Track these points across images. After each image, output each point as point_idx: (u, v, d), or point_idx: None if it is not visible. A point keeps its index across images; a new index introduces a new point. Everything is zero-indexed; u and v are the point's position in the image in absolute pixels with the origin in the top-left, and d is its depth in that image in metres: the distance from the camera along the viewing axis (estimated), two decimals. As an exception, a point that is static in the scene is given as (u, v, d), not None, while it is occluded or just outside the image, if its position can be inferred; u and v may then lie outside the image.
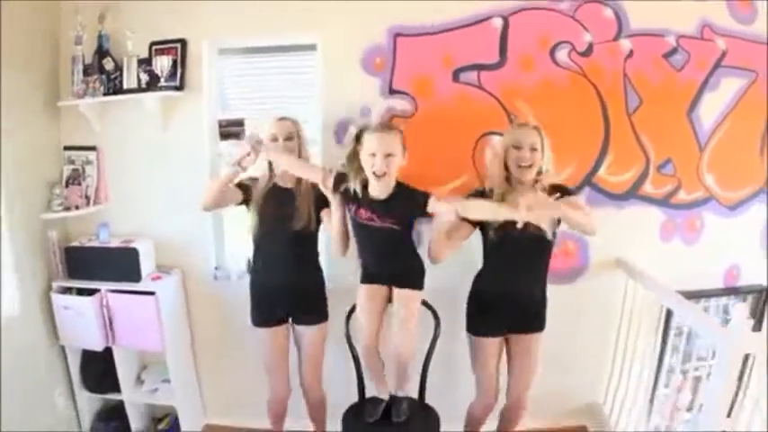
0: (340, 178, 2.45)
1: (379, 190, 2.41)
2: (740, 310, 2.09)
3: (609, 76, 2.91)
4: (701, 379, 3.22)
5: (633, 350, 3.06)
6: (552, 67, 2.88)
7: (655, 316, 3.01)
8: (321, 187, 2.47)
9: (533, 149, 2.43)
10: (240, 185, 2.61)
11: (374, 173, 2.35)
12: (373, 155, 2.34)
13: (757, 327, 3.06)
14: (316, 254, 2.74)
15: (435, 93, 2.90)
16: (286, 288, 2.65)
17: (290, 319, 2.73)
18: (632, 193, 3.02)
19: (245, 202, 2.64)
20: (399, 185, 2.44)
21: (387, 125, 2.46)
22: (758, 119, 3.11)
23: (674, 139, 3.03)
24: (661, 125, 2.97)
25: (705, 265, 3.16)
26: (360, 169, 2.42)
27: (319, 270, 2.76)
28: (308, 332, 2.71)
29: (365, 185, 2.44)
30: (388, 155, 2.34)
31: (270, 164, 2.62)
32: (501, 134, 2.65)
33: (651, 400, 3.16)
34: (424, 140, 2.82)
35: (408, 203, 2.42)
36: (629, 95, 2.93)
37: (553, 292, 2.65)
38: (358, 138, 2.42)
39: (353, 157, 2.43)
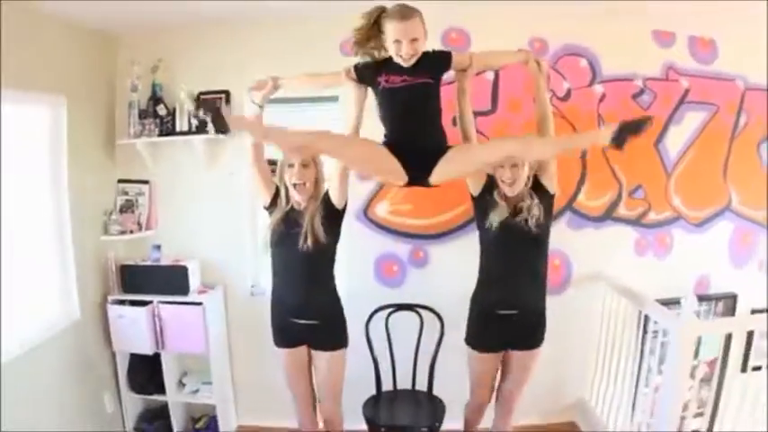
0: (363, 68, 2.52)
1: (406, 63, 2.42)
2: (691, 300, 2.70)
3: (584, 116, 3.59)
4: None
5: (616, 352, 3.60)
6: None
7: (633, 321, 3.58)
8: (345, 79, 2.54)
9: (513, 166, 2.71)
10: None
11: (402, 57, 2.39)
12: (398, 41, 2.36)
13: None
14: (330, 276, 2.86)
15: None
16: (301, 309, 2.80)
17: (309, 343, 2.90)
18: (608, 216, 3.67)
19: (272, 204, 2.82)
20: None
21: (408, 10, 2.38)
22: (720, 146, 3.79)
23: (643, 168, 3.68)
24: (631, 156, 3.59)
25: (677, 276, 3.77)
26: (380, 47, 2.46)
27: (335, 293, 2.88)
28: (324, 357, 2.86)
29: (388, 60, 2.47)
30: (414, 39, 2.36)
31: (286, 189, 2.77)
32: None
33: (634, 399, 3.74)
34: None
35: (435, 62, 2.47)
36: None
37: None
38: (376, 21, 2.42)
39: (370, 38, 2.45)
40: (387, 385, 3.39)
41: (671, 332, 2.85)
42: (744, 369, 3.79)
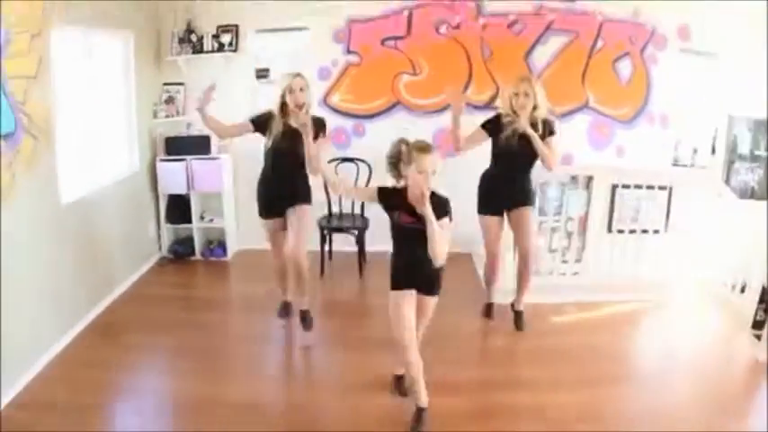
0: (387, 194, 3.30)
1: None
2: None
3: (471, 40, 5.86)
4: (557, 229, 5.88)
5: None
6: (437, 36, 5.86)
7: None
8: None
9: (526, 95, 4.21)
10: (254, 122, 4.27)
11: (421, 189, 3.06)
12: (422, 173, 3.05)
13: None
14: (304, 165, 4.19)
15: (372, 52, 5.90)
16: (284, 190, 4.29)
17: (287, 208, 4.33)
18: (489, 106, 5.88)
19: (259, 130, 4.26)
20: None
21: (429, 146, 3.15)
22: (579, 61, 5.94)
23: (514, 75, 5.87)
24: (506, 66, 5.83)
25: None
26: (399, 176, 3.23)
27: (306, 176, 4.30)
28: (297, 210, 4.31)
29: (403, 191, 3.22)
30: (433, 172, 3.08)
31: (282, 105, 4.15)
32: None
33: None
34: (365, 77, 5.87)
35: (437, 207, 3.10)
36: (484, 50, 5.88)
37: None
38: (406, 153, 3.15)
39: (396, 165, 3.21)
40: (335, 209, 5.72)
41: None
42: (609, 229, 5.96)
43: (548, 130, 4.34)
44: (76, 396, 3.74)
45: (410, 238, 3.20)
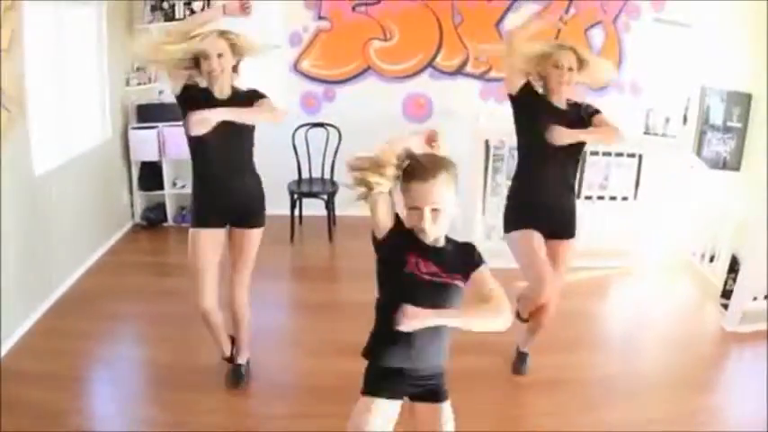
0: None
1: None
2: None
3: (442, 6, 6.26)
4: None
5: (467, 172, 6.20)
6: (408, 2, 6.26)
7: (481, 148, 6.11)
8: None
9: (570, 69, 3.38)
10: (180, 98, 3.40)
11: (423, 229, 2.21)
12: (415, 209, 2.19)
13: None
14: (251, 153, 3.55)
15: (343, 18, 6.31)
16: (227, 191, 3.47)
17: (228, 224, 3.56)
18: (459, 72, 6.33)
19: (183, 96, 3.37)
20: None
21: (434, 164, 2.21)
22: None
23: (485, 41, 6.30)
24: (477, 33, 6.29)
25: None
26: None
27: (256, 173, 3.62)
28: (246, 235, 3.56)
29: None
30: (435, 210, 2.18)
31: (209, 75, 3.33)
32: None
33: (483, 206, 6.28)
34: (336, 43, 6.30)
35: (463, 255, 2.36)
36: (455, 17, 6.30)
37: (410, 130, 5.93)
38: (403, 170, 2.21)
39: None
40: (305, 175, 6.17)
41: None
42: (578, 196, 6.41)
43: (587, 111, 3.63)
44: (53, 367, 3.95)
45: (425, 296, 2.20)
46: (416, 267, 2.25)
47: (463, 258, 2.33)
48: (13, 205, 4.26)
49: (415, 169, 2.19)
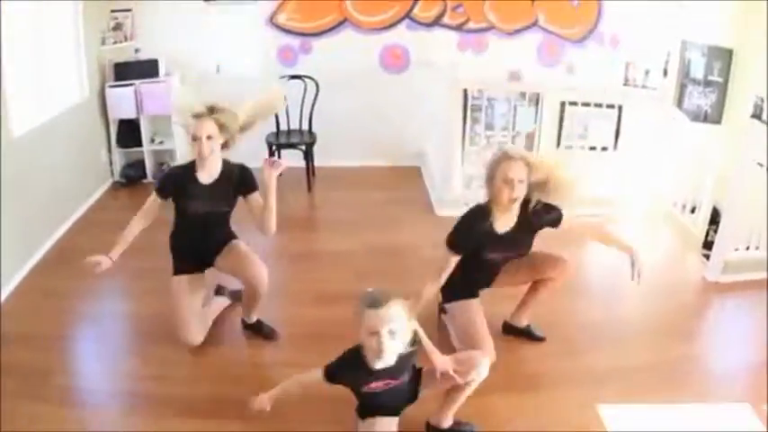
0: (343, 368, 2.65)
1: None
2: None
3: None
4: (504, 143, 6.46)
5: (446, 119, 6.15)
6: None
7: (459, 96, 6.08)
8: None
9: (520, 182, 3.20)
10: (161, 191, 3.61)
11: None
12: (375, 333, 2.41)
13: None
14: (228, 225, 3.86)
15: None
16: (203, 248, 3.77)
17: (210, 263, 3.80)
18: (436, 23, 6.44)
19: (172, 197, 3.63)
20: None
21: (387, 297, 2.45)
22: None
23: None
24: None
25: (494, 68, 6.54)
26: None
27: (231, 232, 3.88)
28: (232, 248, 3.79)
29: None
30: (391, 332, 2.42)
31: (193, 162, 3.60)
32: None
33: (462, 155, 6.39)
34: None
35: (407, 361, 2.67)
36: (430, -32, 6.42)
37: (387, 81, 6.18)
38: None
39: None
40: (283, 127, 6.30)
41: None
42: (558, 145, 6.62)
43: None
44: (39, 327, 4.06)
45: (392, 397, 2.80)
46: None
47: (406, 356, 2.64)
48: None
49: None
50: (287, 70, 6.42)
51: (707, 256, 4.85)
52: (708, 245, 4.95)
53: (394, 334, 2.42)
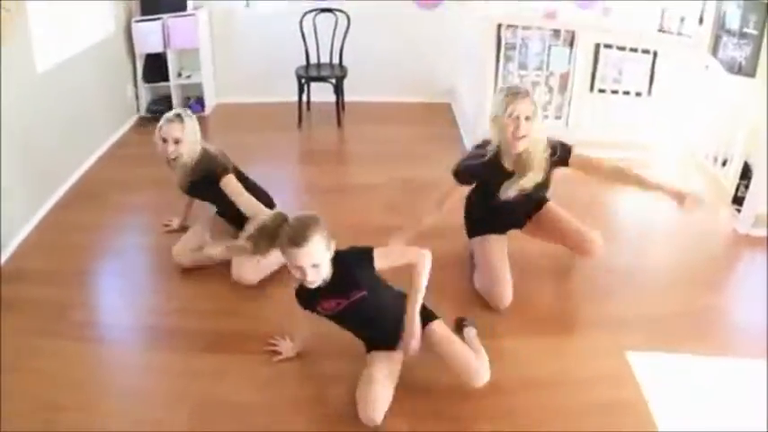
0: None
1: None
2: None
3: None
4: (538, 83, 6.38)
5: (478, 57, 6.10)
6: None
7: (492, 35, 5.99)
8: None
9: (527, 119, 3.09)
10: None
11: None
12: (299, 268, 2.58)
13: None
14: None
15: None
16: None
17: None
18: None
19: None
20: None
21: (307, 232, 2.54)
22: None
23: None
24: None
25: (529, 8, 6.40)
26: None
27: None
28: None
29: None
30: (314, 265, 2.60)
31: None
32: None
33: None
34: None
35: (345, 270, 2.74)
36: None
37: (420, 16, 6.08)
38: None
39: None
40: (313, 60, 6.31)
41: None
42: (591, 88, 6.53)
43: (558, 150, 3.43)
44: (62, 262, 4.12)
45: (351, 320, 2.97)
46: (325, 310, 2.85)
47: (346, 274, 2.72)
48: (15, 103, 4.35)
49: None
50: (317, 4, 6.33)
51: (738, 210, 4.82)
52: (738, 200, 4.90)
53: (318, 266, 2.58)
